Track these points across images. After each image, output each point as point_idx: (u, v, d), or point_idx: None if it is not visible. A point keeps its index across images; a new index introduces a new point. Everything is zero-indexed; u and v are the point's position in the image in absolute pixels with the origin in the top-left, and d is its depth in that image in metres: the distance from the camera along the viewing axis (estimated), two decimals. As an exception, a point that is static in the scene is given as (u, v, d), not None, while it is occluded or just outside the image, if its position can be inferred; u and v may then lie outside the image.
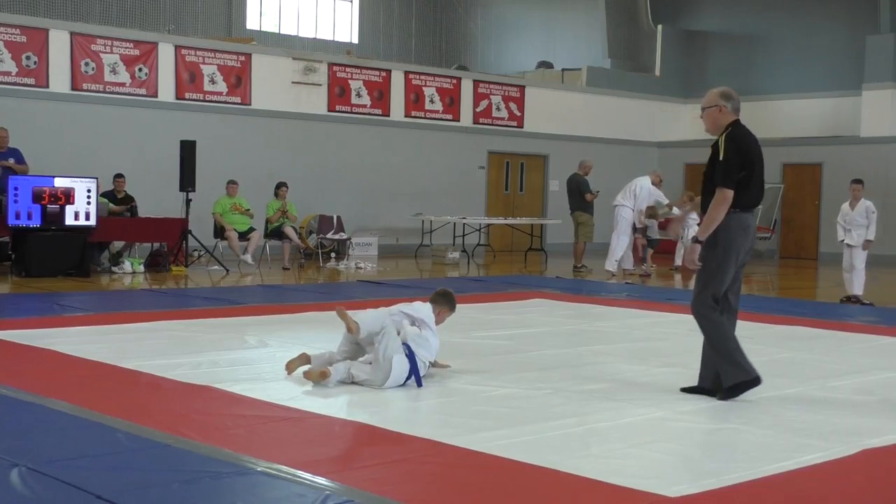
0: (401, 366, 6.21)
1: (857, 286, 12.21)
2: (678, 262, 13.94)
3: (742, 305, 6.66)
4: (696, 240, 6.26)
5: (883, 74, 20.24)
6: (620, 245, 15.43)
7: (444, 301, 6.83)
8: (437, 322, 6.62)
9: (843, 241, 12.34)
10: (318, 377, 6.21)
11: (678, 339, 8.77)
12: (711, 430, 5.51)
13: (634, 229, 15.79)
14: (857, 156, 19.73)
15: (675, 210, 16.72)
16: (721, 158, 6.08)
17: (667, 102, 23.73)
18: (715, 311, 6.21)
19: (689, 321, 9.27)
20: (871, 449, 5.04)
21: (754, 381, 6.17)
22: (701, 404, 6.09)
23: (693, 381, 6.47)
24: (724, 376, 6.19)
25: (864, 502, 4.27)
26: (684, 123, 23.97)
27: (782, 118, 21.98)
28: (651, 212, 16.45)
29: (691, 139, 23.43)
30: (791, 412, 5.98)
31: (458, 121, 20.38)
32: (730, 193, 6.04)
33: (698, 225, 6.37)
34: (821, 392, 6.52)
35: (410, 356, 6.26)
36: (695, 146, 22.82)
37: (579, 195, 16.65)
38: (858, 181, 12.57)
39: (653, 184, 16.00)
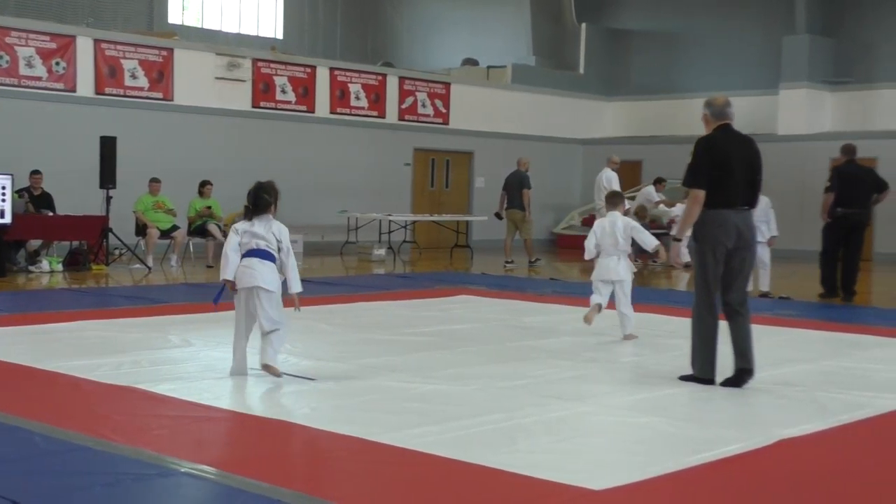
0: None
1: (767, 282, 12.40)
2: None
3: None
4: (675, 238, 6.66)
5: (799, 74, 20.72)
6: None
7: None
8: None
9: None
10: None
11: (603, 334, 8.87)
12: (636, 423, 5.59)
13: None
14: (774, 153, 20.09)
15: (663, 207, 17.05)
16: (690, 161, 6.47)
17: (591, 100, 23.98)
18: (708, 310, 6.49)
19: (611, 317, 9.39)
20: (788, 439, 5.16)
21: (706, 380, 6.52)
22: (625, 398, 6.18)
23: (621, 375, 6.61)
24: (691, 365, 6.58)
25: (780, 491, 4.37)
26: (608, 121, 24.27)
27: (702, 115, 22.33)
28: (640, 211, 16.71)
29: (614, 136, 23.74)
30: (712, 405, 6.11)
31: (384, 118, 20.34)
32: (699, 193, 6.39)
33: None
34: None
35: None
36: (618, 143, 23.13)
37: (520, 191, 16.69)
38: None
39: (611, 169, 16.29)
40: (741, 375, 6.52)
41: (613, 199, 8.99)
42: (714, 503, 4.21)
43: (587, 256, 8.77)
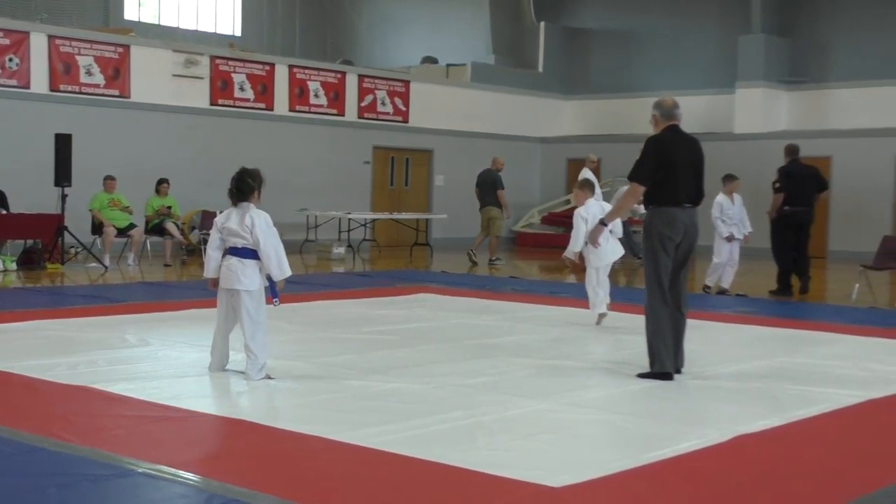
0: None
1: (730, 280, 12.55)
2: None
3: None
4: (602, 222, 7.09)
5: (755, 73, 20.93)
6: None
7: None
8: None
9: (728, 235, 12.34)
10: None
11: (561, 332, 8.92)
12: (594, 420, 5.62)
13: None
14: (731, 152, 20.34)
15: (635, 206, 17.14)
16: (639, 157, 6.70)
17: (549, 99, 24.07)
18: (662, 304, 6.65)
19: (570, 315, 9.46)
20: (745, 435, 5.22)
21: (665, 375, 6.63)
22: (584, 396, 6.22)
23: (580, 372, 6.68)
24: (649, 361, 6.71)
25: (737, 486, 4.41)
26: (566, 119, 24.37)
27: (661, 115, 22.49)
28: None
29: (573, 135, 23.85)
30: (670, 401, 6.17)
31: (343, 115, 20.27)
32: (639, 188, 6.73)
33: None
34: (697, 381, 6.73)
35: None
36: (576, 142, 23.25)
37: (493, 191, 16.81)
38: (736, 176, 12.87)
39: (590, 169, 16.34)
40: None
41: (591, 186, 9.34)
42: (672, 499, 4.24)
43: (578, 248, 8.93)
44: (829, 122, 20.64)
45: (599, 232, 7.54)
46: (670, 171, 6.66)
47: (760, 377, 6.91)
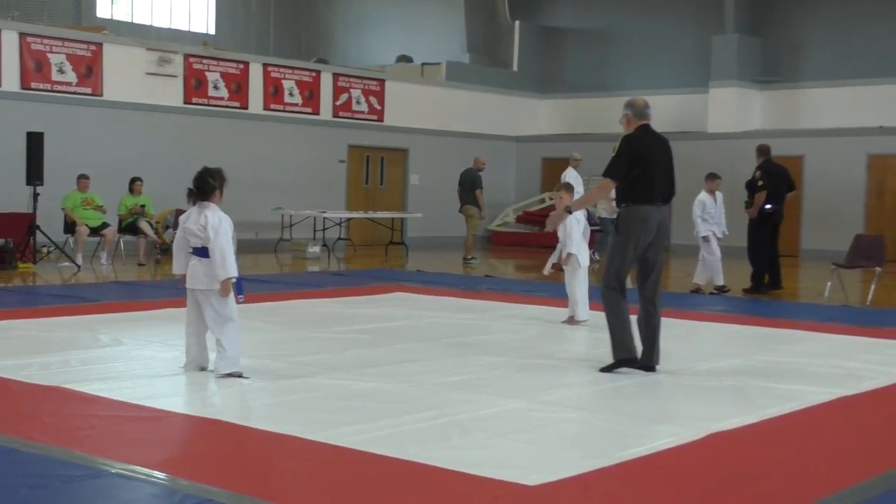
0: None
1: (704, 277, 12.61)
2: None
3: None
4: (567, 209, 7.24)
5: (728, 73, 21.05)
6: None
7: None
8: None
9: (706, 235, 12.34)
10: None
11: (535, 330, 8.94)
12: (569, 419, 5.64)
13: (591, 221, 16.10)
14: (704, 151, 20.46)
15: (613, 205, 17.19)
16: (614, 155, 6.82)
17: (524, 98, 24.10)
18: (615, 293, 6.80)
19: (544, 314, 9.48)
20: (719, 433, 5.25)
21: (631, 360, 6.80)
22: (559, 394, 6.23)
23: (554, 371, 6.71)
24: (612, 351, 6.84)
25: (711, 484, 4.44)
26: (541, 118, 24.41)
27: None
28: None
29: (548, 134, 23.90)
30: (644, 399, 6.20)
31: (318, 114, 20.22)
32: (610, 183, 6.91)
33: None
34: (672, 379, 6.76)
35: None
36: (551, 140, 23.31)
37: (472, 190, 16.88)
38: (719, 175, 12.92)
39: (573, 168, 16.36)
40: (646, 368, 6.85)
41: (572, 189, 9.41)
42: (647, 497, 4.26)
43: (574, 249, 9.10)
44: (801, 122, 20.80)
45: (560, 218, 7.53)
46: (646, 170, 6.77)
47: (734, 375, 6.96)
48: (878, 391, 6.60)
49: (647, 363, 6.89)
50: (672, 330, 8.89)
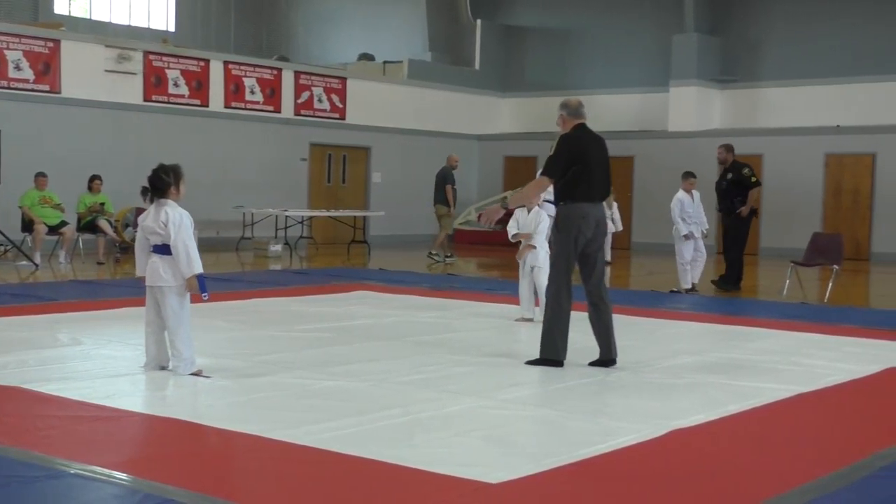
0: None
1: (698, 274, 12.67)
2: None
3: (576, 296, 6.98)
4: (503, 206, 7.25)
5: (688, 72, 21.22)
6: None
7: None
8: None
9: (687, 234, 12.38)
10: None
11: (497, 329, 8.96)
12: (531, 416, 5.66)
13: None
14: (665, 149, 20.63)
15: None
16: (551, 153, 6.92)
17: (486, 96, 24.15)
18: (564, 291, 6.91)
19: (504, 312, 9.49)
20: (679, 430, 5.29)
21: (558, 363, 6.90)
22: (521, 392, 6.26)
23: (516, 369, 6.80)
24: (540, 347, 6.95)
25: (672, 480, 4.47)
26: (503, 117, 24.47)
27: (596, 112, 22.54)
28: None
29: (509, 132, 23.96)
30: (605, 397, 6.23)
31: (280, 112, 20.14)
32: (546, 181, 7.05)
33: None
34: (632, 376, 6.81)
35: None
36: (513, 139, 23.38)
37: (443, 187, 16.94)
38: (694, 174, 12.99)
39: None
40: (606, 364, 6.98)
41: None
42: (608, 495, 4.29)
43: (538, 244, 9.14)
44: (760, 121, 21.02)
45: (496, 212, 7.48)
46: (585, 169, 6.89)
47: (694, 372, 7.02)
48: (836, 388, 6.68)
49: (606, 358, 7.00)
50: (631, 327, 8.97)
